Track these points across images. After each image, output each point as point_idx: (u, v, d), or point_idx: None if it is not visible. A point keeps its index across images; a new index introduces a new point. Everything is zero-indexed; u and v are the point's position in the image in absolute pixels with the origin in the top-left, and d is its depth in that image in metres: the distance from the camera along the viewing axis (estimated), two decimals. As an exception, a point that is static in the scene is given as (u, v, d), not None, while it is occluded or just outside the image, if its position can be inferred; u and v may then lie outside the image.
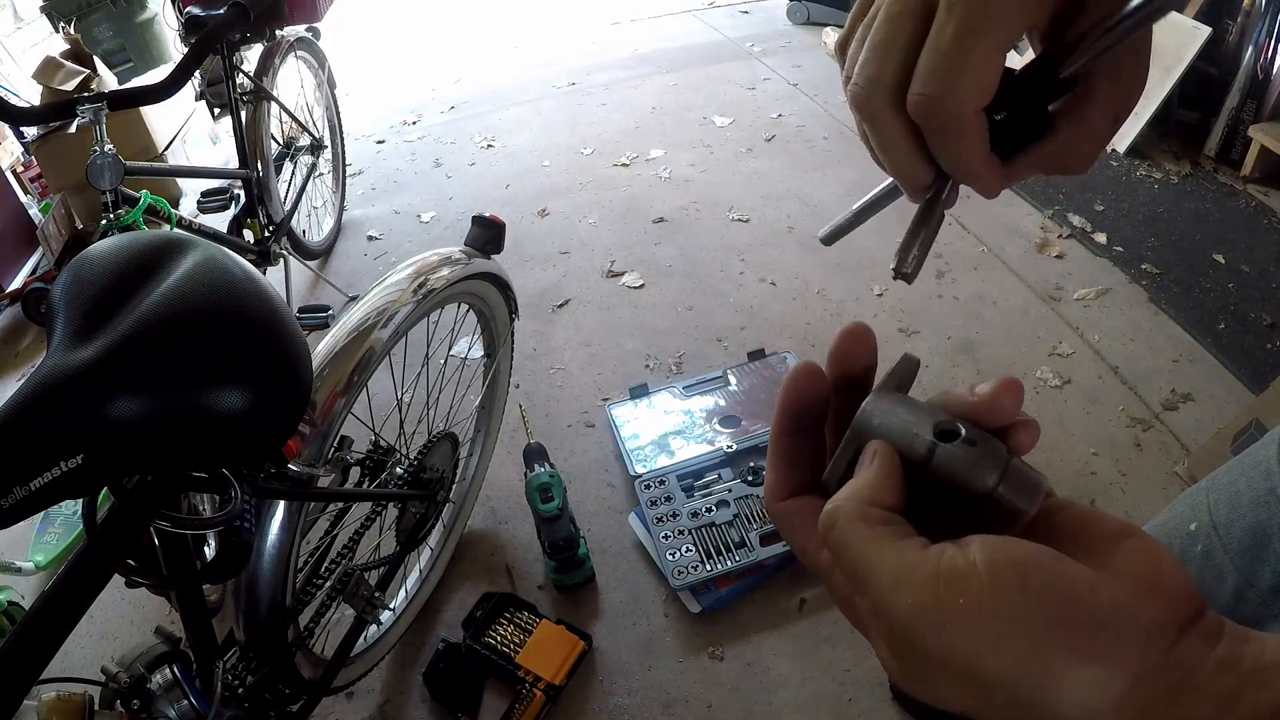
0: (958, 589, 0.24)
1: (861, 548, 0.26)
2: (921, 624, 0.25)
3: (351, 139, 3.16)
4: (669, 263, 2.37)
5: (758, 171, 2.81)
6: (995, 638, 0.24)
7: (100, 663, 0.80)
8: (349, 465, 1.17)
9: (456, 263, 1.26)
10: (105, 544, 0.71)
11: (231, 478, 0.76)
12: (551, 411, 1.92)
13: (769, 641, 1.40)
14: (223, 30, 1.64)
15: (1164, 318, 2.02)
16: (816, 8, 3.86)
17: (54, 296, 0.69)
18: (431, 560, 1.53)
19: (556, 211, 2.71)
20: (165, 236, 0.78)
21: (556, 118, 3.36)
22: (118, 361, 0.64)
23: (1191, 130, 2.65)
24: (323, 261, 2.58)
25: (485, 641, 1.40)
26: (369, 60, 4.15)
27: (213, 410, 0.66)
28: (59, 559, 1.68)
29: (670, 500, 1.57)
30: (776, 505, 0.33)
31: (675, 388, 1.85)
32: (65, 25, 3.22)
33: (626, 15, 4.36)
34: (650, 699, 1.35)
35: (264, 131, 2.11)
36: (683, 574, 1.44)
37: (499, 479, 1.74)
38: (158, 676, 0.81)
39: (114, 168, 1.49)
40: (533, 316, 2.22)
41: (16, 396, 0.62)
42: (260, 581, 0.99)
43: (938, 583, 0.24)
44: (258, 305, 0.72)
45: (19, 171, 2.89)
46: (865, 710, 1.30)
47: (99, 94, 1.51)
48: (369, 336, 1.09)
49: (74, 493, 0.63)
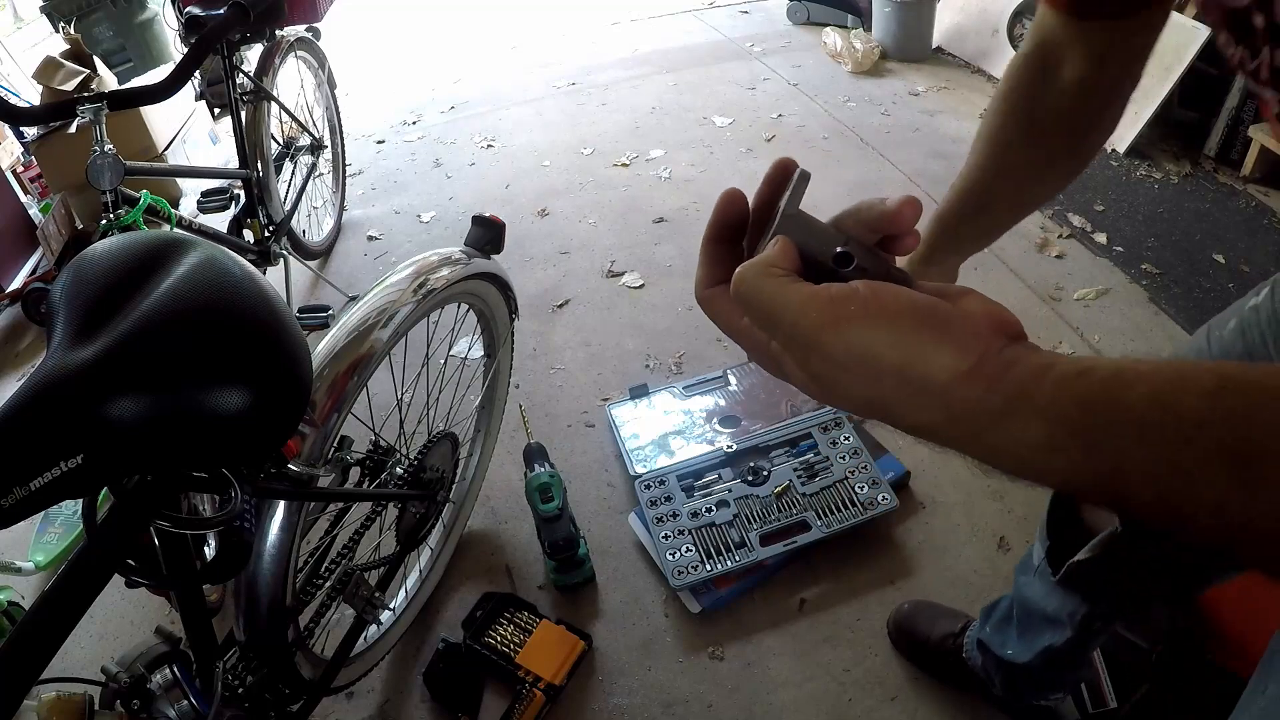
0: (848, 302, 0.33)
1: (768, 291, 0.35)
2: (827, 331, 0.33)
3: (351, 139, 3.16)
4: (669, 262, 2.37)
5: (758, 172, 2.75)
6: (881, 330, 0.33)
7: (100, 663, 0.80)
8: (349, 465, 1.17)
9: (456, 263, 1.26)
10: (105, 544, 0.71)
11: (231, 478, 0.76)
12: (551, 411, 1.92)
13: (769, 641, 1.40)
14: (223, 30, 1.64)
15: (1164, 318, 2.02)
16: (816, 8, 3.86)
17: (54, 296, 0.69)
18: (431, 560, 1.53)
19: (556, 211, 2.71)
20: (165, 236, 0.78)
21: (556, 118, 3.36)
22: (118, 361, 0.64)
23: (1191, 130, 2.65)
24: (323, 261, 2.58)
25: (485, 641, 1.40)
26: (369, 60, 4.15)
27: (213, 410, 0.66)
28: (59, 559, 1.68)
29: (670, 500, 1.57)
30: (703, 292, 0.41)
31: (675, 388, 1.85)
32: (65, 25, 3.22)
33: (626, 15, 4.36)
34: (650, 699, 1.35)
35: (264, 131, 2.11)
36: (683, 574, 1.44)
37: (499, 479, 1.74)
38: (158, 676, 0.81)
39: (114, 168, 1.49)
40: (533, 316, 2.22)
41: (16, 396, 0.62)
42: (260, 581, 0.99)
43: (832, 301, 0.33)
44: (258, 305, 0.72)
45: (19, 171, 2.89)
46: (865, 710, 1.30)
47: (99, 94, 1.51)
48: (369, 336, 1.09)
49: (74, 493, 0.63)
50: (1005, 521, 1.55)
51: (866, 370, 0.33)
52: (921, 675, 1.32)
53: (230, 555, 0.81)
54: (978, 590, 1.43)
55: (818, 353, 0.34)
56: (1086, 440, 0.30)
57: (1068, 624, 0.96)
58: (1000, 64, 3.22)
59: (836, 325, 0.33)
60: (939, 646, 1.29)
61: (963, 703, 1.27)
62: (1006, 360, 0.32)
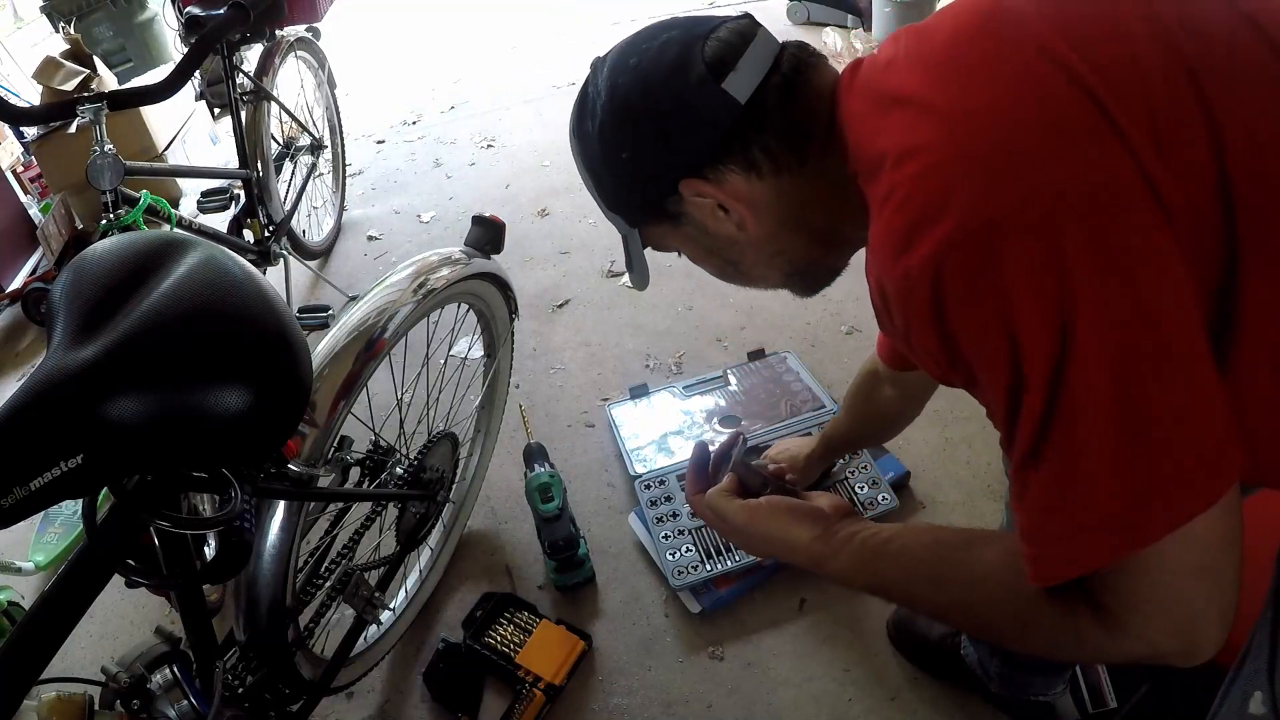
0: (759, 509, 0.78)
1: (721, 504, 0.81)
2: (745, 523, 0.78)
3: (351, 139, 3.16)
4: (669, 262, 2.36)
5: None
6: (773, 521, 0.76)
7: (100, 663, 0.80)
8: (349, 465, 1.17)
9: (456, 263, 1.26)
10: (105, 544, 0.71)
11: (231, 478, 0.76)
12: (551, 411, 1.92)
13: (769, 641, 1.40)
14: (223, 30, 1.64)
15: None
16: (816, 8, 3.86)
17: (54, 296, 0.69)
18: (431, 560, 1.53)
19: (556, 211, 2.71)
20: (165, 236, 0.78)
21: (556, 118, 3.36)
22: (117, 361, 0.64)
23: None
24: (323, 261, 2.59)
25: (485, 641, 1.40)
26: (369, 60, 4.15)
27: (213, 410, 0.66)
28: (59, 559, 1.68)
29: (670, 500, 1.57)
30: (692, 498, 0.86)
31: (675, 388, 1.85)
32: (65, 25, 3.22)
33: (626, 15, 4.36)
34: (650, 699, 1.35)
35: (264, 131, 2.11)
36: (683, 574, 1.44)
37: (499, 479, 1.74)
38: (158, 676, 0.81)
39: (114, 168, 1.49)
40: (533, 316, 2.22)
41: (16, 396, 0.62)
42: (260, 581, 0.99)
43: (748, 508, 0.78)
44: (258, 305, 0.72)
45: (19, 171, 2.89)
46: (865, 710, 1.30)
47: (99, 94, 1.51)
48: (369, 336, 1.09)
49: (74, 493, 0.63)
50: (1006, 521, 1.55)
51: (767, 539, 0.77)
52: (921, 675, 1.32)
53: (230, 555, 0.81)
54: (978, 590, 1.43)
55: (743, 533, 0.79)
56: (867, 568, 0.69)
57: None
58: (1000, 64, 3.22)
59: (750, 520, 0.77)
60: (938, 646, 1.29)
61: (962, 702, 1.27)
62: (836, 529, 0.72)
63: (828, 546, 0.70)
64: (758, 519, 0.76)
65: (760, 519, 0.76)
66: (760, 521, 0.76)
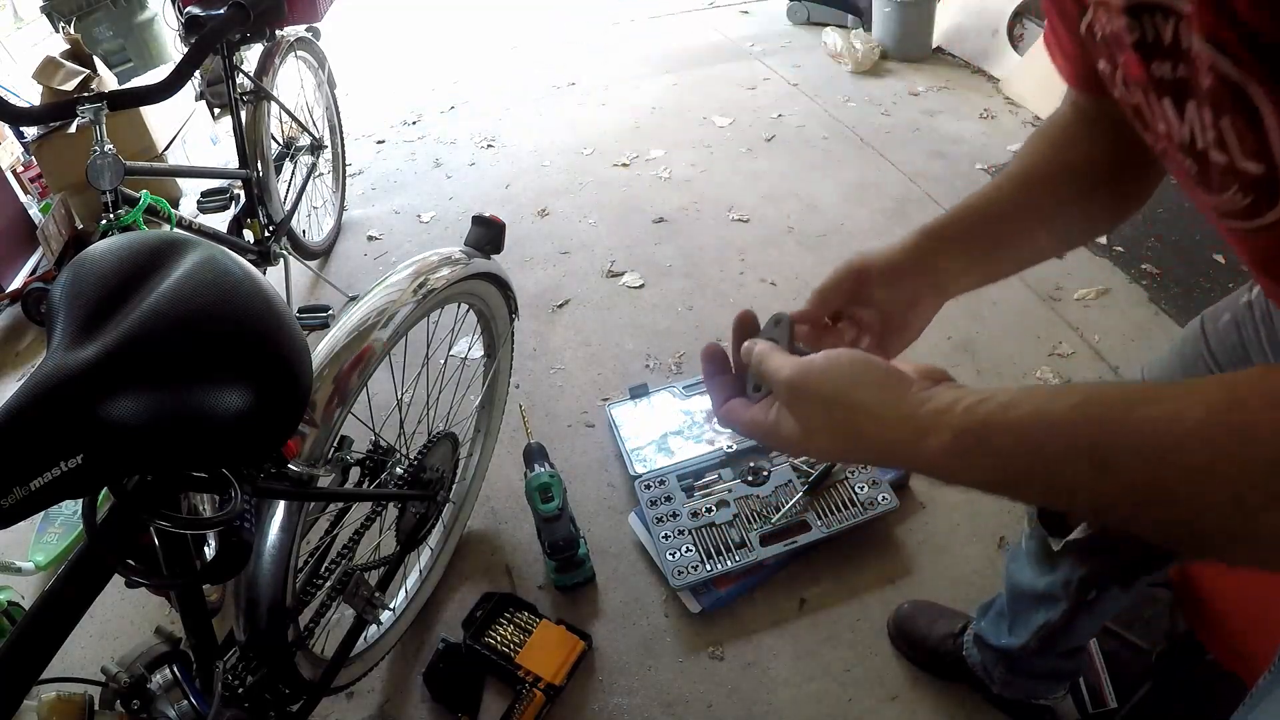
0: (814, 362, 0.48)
1: (769, 357, 0.51)
2: (801, 378, 0.47)
3: (351, 139, 3.16)
4: (669, 262, 2.37)
5: (758, 171, 2.81)
6: (834, 377, 0.46)
7: (100, 663, 0.80)
8: (349, 465, 1.17)
9: (456, 263, 1.26)
10: (105, 544, 0.71)
11: (231, 478, 0.76)
12: (551, 411, 1.92)
13: (769, 641, 1.40)
14: (223, 30, 1.64)
15: (1164, 318, 2.02)
16: (816, 8, 3.86)
17: (54, 296, 0.69)
18: (431, 560, 1.53)
19: (556, 211, 2.71)
20: (165, 236, 0.78)
21: (556, 118, 3.36)
22: (117, 361, 0.64)
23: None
24: (323, 261, 2.58)
25: (485, 641, 1.41)
26: (369, 60, 4.15)
27: (213, 410, 0.66)
28: (59, 559, 1.68)
29: (670, 500, 1.57)
30: (720, 410, 0.55)
31: (675, 388, 1.85)
32: (65, 25, 3.22)
33: (626, 15, 4.36)
34: (650, 699, 1.35)
35: (264, 131, 2.11)
36: (683, 574, 1.44)
37: (499, 479, 1.74)
38: (158, 676, 0.81)
39: (114, 168, 1.49)
40: (533, 316, 2.22)
41: (16, 396, 0.62)
42: (260, 581, 0.99)
43: (802, 364, 0.48)
44: (258, 305, 0.72)
45: (19, 171, 2.89)
46: (865, 710, 1.30)
47: (99, 94, 1.51)
48: (369, 336, 1.09)
49: (74, 493, 0.63)
50: (1005, 521, 1.55)
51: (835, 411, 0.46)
52: (921, 675, 1.32)
53: (230, 555, 0.81)
54: (978, 590, 1.43)
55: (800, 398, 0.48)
56: (983, 445, 0.41)
57: (1062, 596, 0.97)
58: (1000, 64, 3.22)
59: (809, 376, 0.48)
60: (939, 646, 1.29)
61: (963, 703, 1.27)
62: (928, 397, 0.44)
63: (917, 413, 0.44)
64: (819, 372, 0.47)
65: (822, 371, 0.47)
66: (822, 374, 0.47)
